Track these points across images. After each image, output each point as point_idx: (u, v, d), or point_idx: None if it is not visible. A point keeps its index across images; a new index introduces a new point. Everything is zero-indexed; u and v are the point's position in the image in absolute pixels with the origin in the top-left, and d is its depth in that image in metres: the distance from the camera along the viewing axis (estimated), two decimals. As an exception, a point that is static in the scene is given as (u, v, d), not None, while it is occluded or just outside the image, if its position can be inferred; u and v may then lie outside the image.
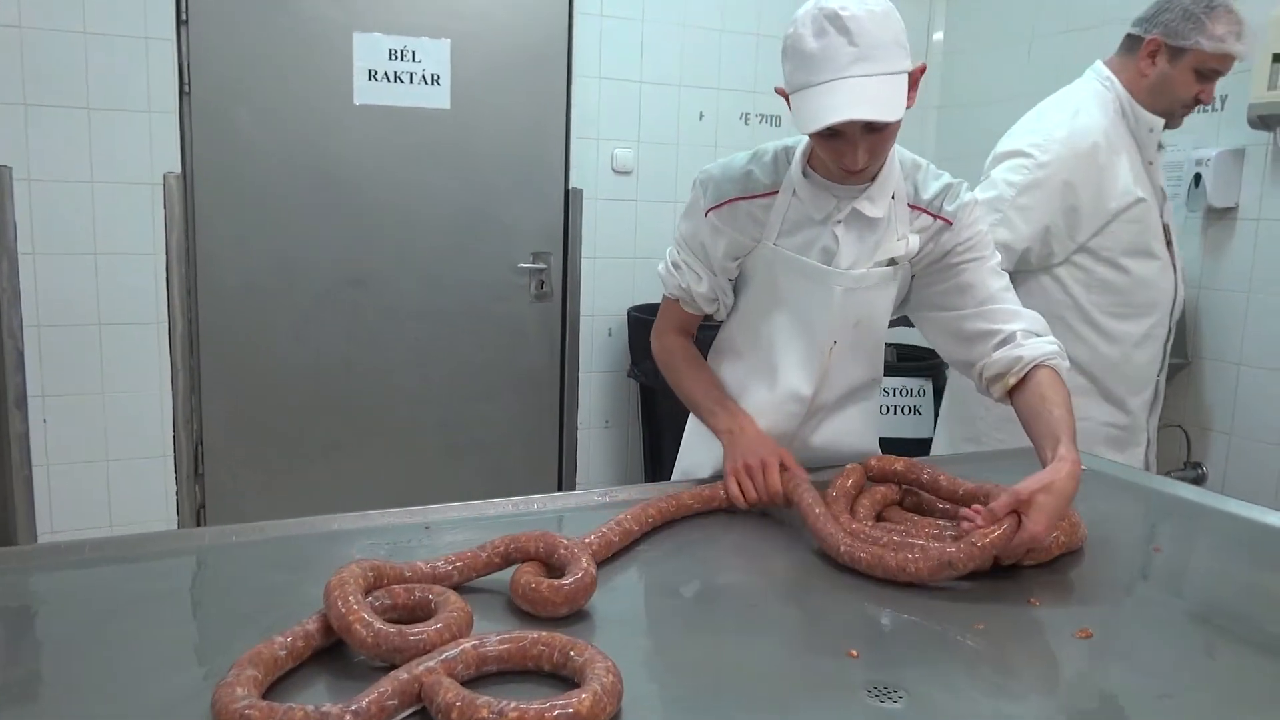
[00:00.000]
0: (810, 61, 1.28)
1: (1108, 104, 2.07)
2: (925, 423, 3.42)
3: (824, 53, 1.27)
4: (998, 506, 1.15)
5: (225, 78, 3.01)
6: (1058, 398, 1.39)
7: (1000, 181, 2.04)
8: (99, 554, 1.19)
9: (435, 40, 3.23)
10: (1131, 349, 2.11)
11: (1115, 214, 2.02)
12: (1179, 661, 1.02)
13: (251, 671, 0.85)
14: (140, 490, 3.05)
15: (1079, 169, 1.99)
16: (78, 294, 2.91)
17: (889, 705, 0.89)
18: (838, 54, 1.26)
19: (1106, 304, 2.09)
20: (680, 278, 1.61)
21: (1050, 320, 2.02)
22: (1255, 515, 1.48)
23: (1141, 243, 2.06)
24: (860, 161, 1.35)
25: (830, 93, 1.27)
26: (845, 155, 1.36)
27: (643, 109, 3.58)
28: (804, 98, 1.30)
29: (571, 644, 0.91)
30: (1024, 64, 3.54)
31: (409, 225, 3.30)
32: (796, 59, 1.31)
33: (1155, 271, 2.10)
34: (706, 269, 1.59)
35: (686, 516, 1.40)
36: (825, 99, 1.27)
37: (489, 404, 3.50)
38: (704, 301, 1.62)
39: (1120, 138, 2.04)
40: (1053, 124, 2.06)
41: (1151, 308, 2.11)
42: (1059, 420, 1.34)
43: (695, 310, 1.65)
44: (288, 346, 3.21)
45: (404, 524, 1.34)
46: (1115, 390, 2.12)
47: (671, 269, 1.63)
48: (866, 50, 1.26)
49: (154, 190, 2.95)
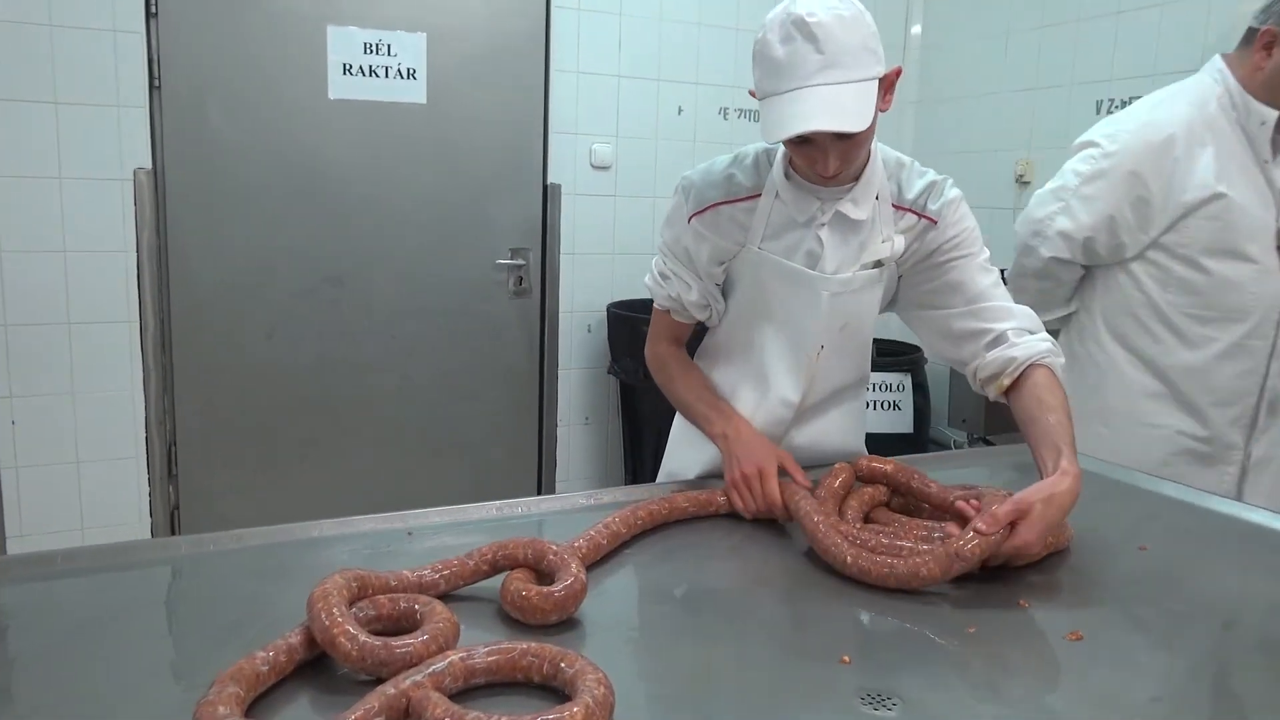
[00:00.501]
0: (777, 69, 1.27)
1: (1208, 97, 1.94)
2: (904, 418, 3.43)
3: (790, 60, 1.25)
4: (1001, 513, 1.15)
5: (196, 71, 2.96)
6: (1054, 401, 1.38)
7: (1068, 171, 2.00)
8: (71, 565, 1.16)
9: (411, 34, 3.19)
10: (1216, 358, 1.93)
11: (1190, 209, 1.90)
12: (1170, 664, 1.02)
13: (233, 688, 0.83)
14: (113, 492, 3.00)
15: (1148, 160, 1.91)
16: (47, 292, 2.85)
17: (883, 713, 0.88)
18: (804, 62, 1.24)
19: (1184, 305, 1.94)
20: (669, 288, 1.58)
21: (1124, 317, 1.94)
22: (1239, 513, 1.49)
23: (1226, 242, 1.90)
24: (831, 168, 1.33)
25: (795, 101, 1.25)
26: (817, 162, 1.34)
27: (621, 104, 3.55)
28: (770, 105, 1.29)
29: (561, 655, 0.89)
30: (1001, 59, 3.56)
31: (385, 222, 3.26)
32: (764, 65, 1.29)
33: (1247, 275, 1.91)
34: (694, 276, 1.56)
35: (680, 520, 1.39)
36: (791, 107, 1.25)
37: (468, 401, 3.48)
38: (696, 309, 1.60)
39: (1213, 132, 1.91)
40: (1130, 115, 2.00)
41: (1242, 314, 1.91)
42: (1057, 428, 1.33)
43: (687, 319, 1.63)
44: (263, 345, 3.16)
45: (386, 529, 1.31)
46: (1195, 399, 1.96)
47: (659, 280, 1.60)
48: (834, 58, 1.24)
49: (124, 186, 2.89)
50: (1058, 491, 1.19)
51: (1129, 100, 3.07)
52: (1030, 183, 3.41)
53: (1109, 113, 3.13)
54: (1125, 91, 3.08)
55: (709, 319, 1.63)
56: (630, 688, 0.88)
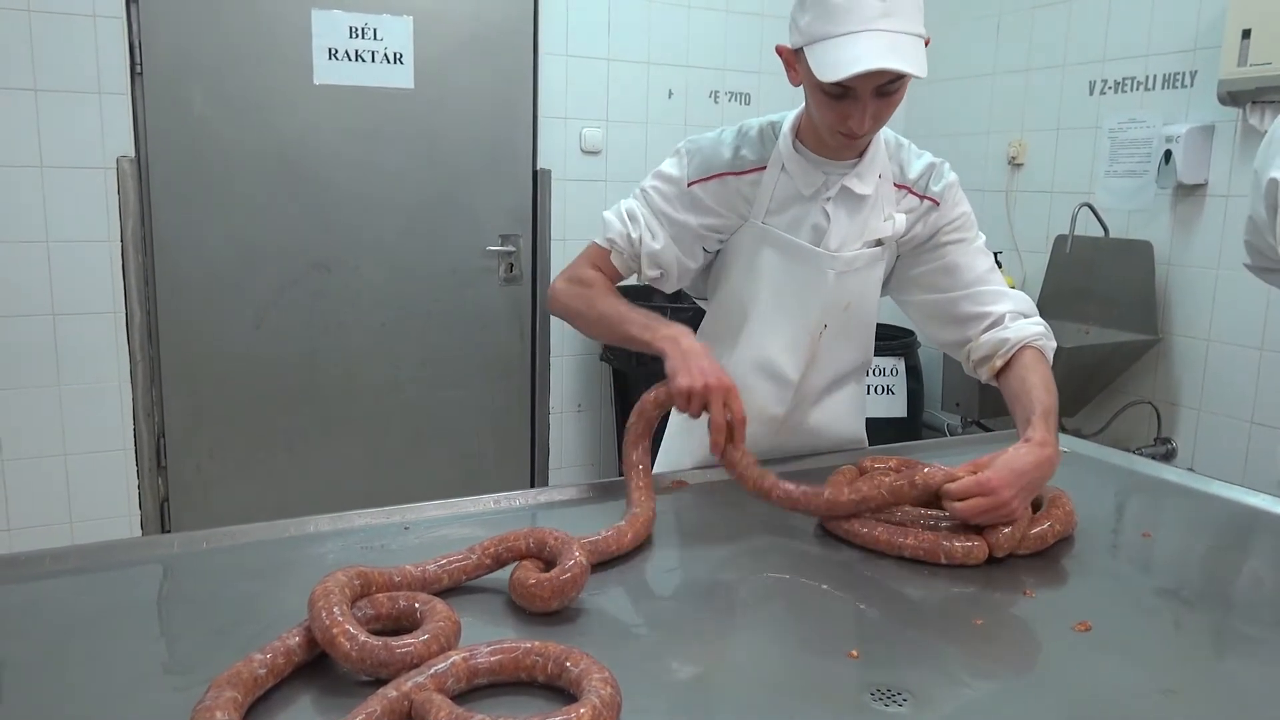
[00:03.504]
0: (835, 12, 1.25)
1: None
2: (898, 402, 3.42)
3: (850, 3, 1.24)
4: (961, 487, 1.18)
5: (179, 57, 2.91)
6: (1037, 379, 1.39)
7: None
8: (60, 565, 1.13)
9: (397, 17, 3.14)
10: None
11: None
12: (1180, 653, 1.01)
13: (231, 693, 0.80)
14: (101, 485, 2.97)
15: None
16: (29, 283, 2.80)
17: (894, 709, 0.87)
18: (866, 5, 1.24)
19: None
20: (633, 228, 1.50)
21: None
22: (1237, 496, 1.48)
23: None
24: (865, 125, 1.32)
25: (855, 43, 1.24)
26: (852, 117, 1.32)
27: (611, 88, 3.52)
28: (825, 48, 1.26)
29: (566, 653, 0.87)
30: (994, 40, 3.53)
31: (373, 209, 3.22)
32: (818, 9, 1.27)
33: None
34: (664, 231, 1.49)
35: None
36: (850, 49, 1.24)
37: (459, 390, 3.45)
38: (647, 261, 1.50)
39: None
40: None
41: None
42: (1036, 400, 1.34)
43: (625, 266, 1.53)
44: (250, 335, 3.13)
45: (382, 524, 1.29)
46: None
47: (624, 218, 1.51)
48: (893, 6, 1.24)
49: (107, 174, 2.84)
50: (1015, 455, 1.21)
51: (1122, 81, 3.06)
52: (1023, 164, 3.40)
53: (1102, 94, 3.12)
54: (1118, 72, 3.06)
55: (656, 279, 1.53)
56: (634, 686, 0.86)
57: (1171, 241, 2.93)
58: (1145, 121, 2.96)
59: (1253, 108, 2.62)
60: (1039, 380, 1.39)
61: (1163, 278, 2.95)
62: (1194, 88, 2.84)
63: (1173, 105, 2.90)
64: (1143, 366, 3.03)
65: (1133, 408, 3.03)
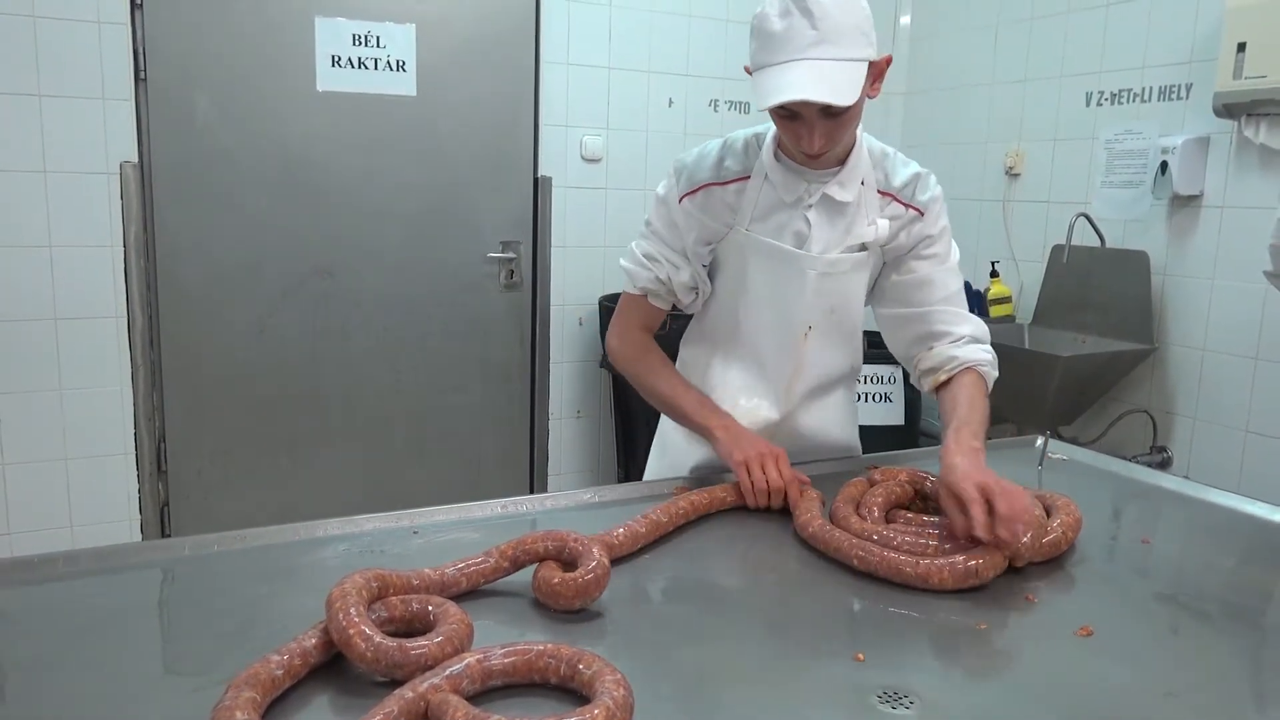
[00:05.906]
0: (772, 41, 1.31)
1: None
2: (896, 410, 3.44)
3: (786, 33, 1.30)
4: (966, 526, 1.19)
5: (182, 63, 2.92)
6: (965, 397, 1.46)
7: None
8: (74, 568, 1.14)
9: (400, 25, 3.16)
10: None
11: None
12: (1180, 658, 1.03)
13: (249, 693, 0.82)
14: (102, 489, 2.97)
15: None
16: (32, 288, 2.81)
17: (901, 712, 0.89)
18: (799, 35, 1.29)
19: None
20: (657, 270, 1.57)
21: None
22: (1234, 504, 1.50)
23: None
24: (816, 145, 1.37)
25: (786, 72, 1.30)
26: (802, 138, 1.38)
27: (611, 96, 3.54)
28: (763, 76, 1.33)
29: (579, 655, 0.89)
30: (991, 50, 3.56)
31: (375, 215, 3.24)
32: (761, 38, 1.34)
33: None
34: (683, 258, 1.57)
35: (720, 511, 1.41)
36: (781, 78, 1.30)
37: (459, 395, 3.46)
38: (683, 291, 1.59)
39: None
40: None
41: None
42: (961, 417, 1.41)
43: (664, 304, 1.62)
44: (252, 340, 3.14)
45: (390, 528, 1.30)
46: None
47: (643, 263, 1.59)
48: (827, 34, 1.29)
49: (110, 180, 2.85)
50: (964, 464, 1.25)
51: (1119, 93, 3.09)
52: (1020, 174, 3.43)
53: (1099, 106, 3.15)
54: (1115, 84, 3.09)
55: (693, 302, 1.63)
56: (646, 687, 0.88)
57: (1167, 252, 2.95)
58: (1141, 133, 2.99)
59: (1248, 120, 2.64)
60: (968, 398, 1.46)
61: (1159, 287, 2.97)
62: (1190, 100, 2.87)
63: (1169, 117, 2.93)
64: (1139, 375, 3.06)
65: (1129, 416, 3.05)
